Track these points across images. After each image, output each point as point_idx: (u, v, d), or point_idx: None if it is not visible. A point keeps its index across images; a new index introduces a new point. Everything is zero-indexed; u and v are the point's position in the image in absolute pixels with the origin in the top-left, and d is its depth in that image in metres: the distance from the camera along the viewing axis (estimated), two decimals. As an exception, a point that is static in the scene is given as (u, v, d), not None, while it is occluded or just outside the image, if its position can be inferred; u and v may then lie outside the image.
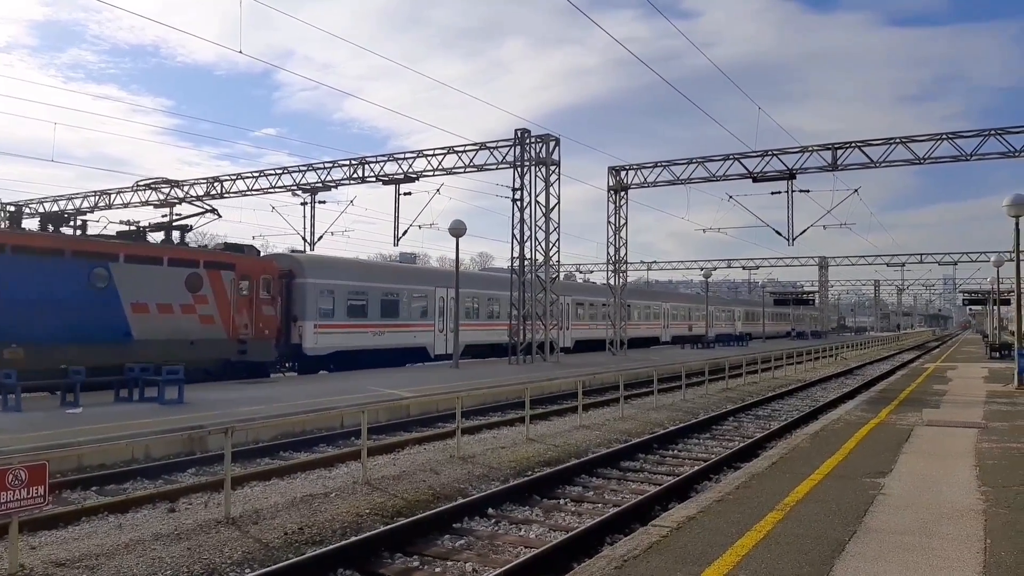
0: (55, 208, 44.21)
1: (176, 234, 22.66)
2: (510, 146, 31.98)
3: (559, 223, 32.39)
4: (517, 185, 31.63)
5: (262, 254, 27.02)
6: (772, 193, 34.19)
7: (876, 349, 61.70)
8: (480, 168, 33.08)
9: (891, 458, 9.84)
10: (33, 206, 45.02)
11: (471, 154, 33.20)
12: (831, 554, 5.72)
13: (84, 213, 43.16)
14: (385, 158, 35.42)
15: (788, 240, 35.22)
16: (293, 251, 31.72)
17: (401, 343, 29.78)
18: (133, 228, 21.83)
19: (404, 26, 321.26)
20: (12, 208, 44.86)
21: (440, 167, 33.94)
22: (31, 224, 32.45)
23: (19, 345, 17.06)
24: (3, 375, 14.93)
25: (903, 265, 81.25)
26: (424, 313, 31.07)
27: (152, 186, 39.86)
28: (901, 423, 13.30)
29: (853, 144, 31.50)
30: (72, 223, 20.62)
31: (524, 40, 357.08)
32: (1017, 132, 28.99)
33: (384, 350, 28.94)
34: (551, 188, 32.04)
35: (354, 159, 36.20)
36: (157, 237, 22.26)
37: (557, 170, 32.24)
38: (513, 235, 31.75)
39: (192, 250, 22.96)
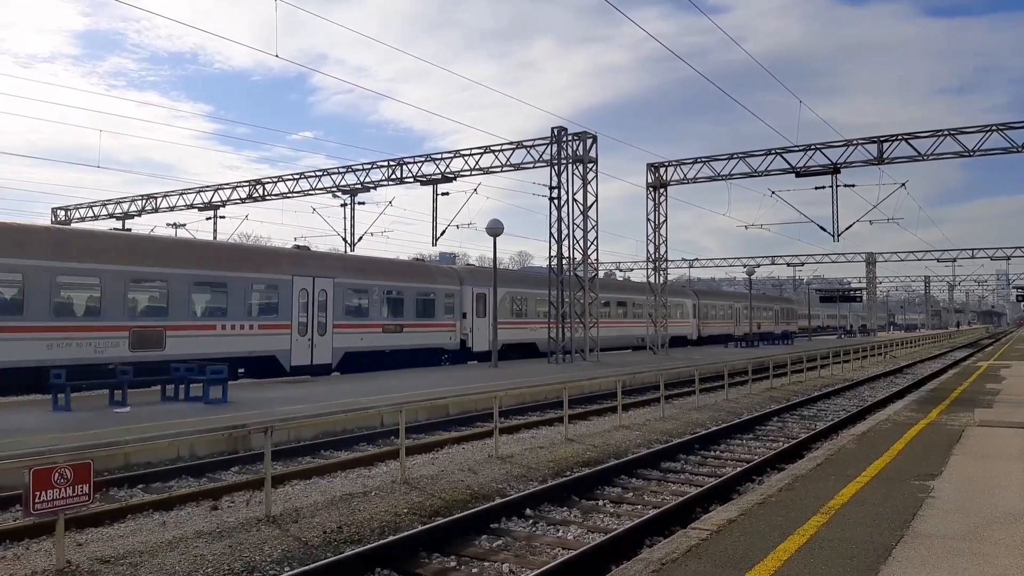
0: (104, 212, 45.40)
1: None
2: (547, 144, 31.87)
3: (597, 221, 32.21)
4: (554, 183, 31.52)
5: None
6: (816, 188, 33.59)
7: (927, 347, 60.17)
8: (517, 167, 33.06)
9: (941, 460, 9.54)
10: (83, 211, 46.28)
11: (508, 153, 33.20)
12: (877, 559, 5.55)
13: (132, 216, 44.32)
14: (423, 159, 35.62)
15: (833, 236, 34.56)
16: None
17: (231, 350, 21.70)
18: None
19: (431, 29, 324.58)
20: (63, 212, 46.24)
21: (477, 167, 34.01)
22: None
23: None
24: (53, 375, 15.33)
25: (954, 260, 79.07)
26: (273, 311, 23.23)
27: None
28: (952, 424, 12.91)
29: (899, 137, 30.72)
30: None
31: (552, 39, 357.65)
32: (1074, 122, 27.95)
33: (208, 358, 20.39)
34: (588, 186, 31.86)
35: (392, 160, 36.48)
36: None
37: (594, 168, 32.04)
38: (551, 233, 31.66)
39: None
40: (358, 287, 26.23)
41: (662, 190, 37.67)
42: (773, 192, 36.24)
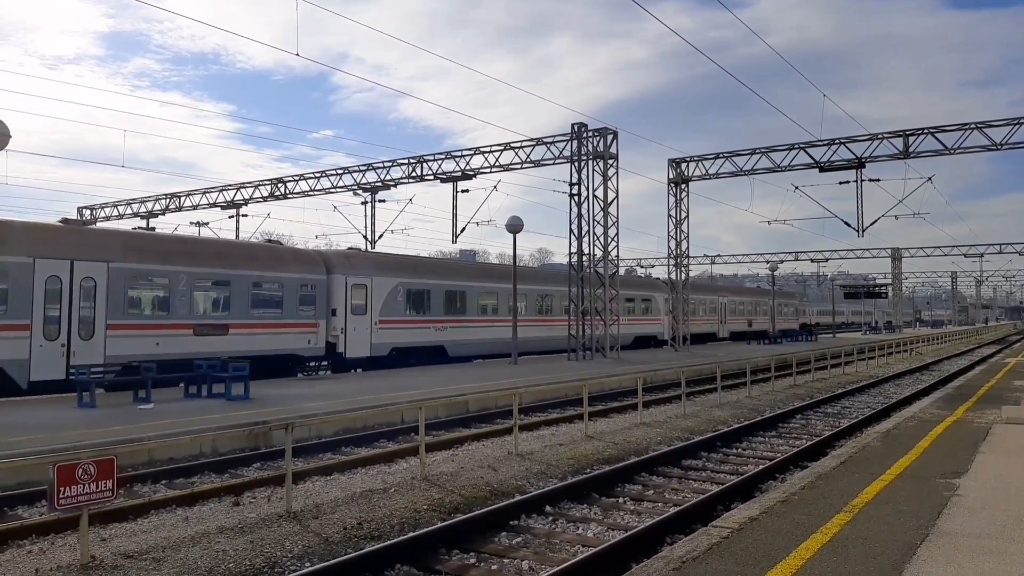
0: (129, 211, 45.94)
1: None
2: (567, 140, 31.80)
3: (618, 217, 32.08)
4: (574, 180, 31.44)
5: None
6: (840, 183, 33.20)
7: (953, 344, 59.36)
8: (537, 164, 32.97)
9: (967, 458, 9.39)
10: (108, 210, 46.86)
11: (528, 150, 33.13)
12: (902, 558, 5.46)
13: (156, 215, 44.82)
14: (443, 156, 35.64)
15: (858, 231, 34.13)
16: None
17: None
18: None
19: (450, 27, 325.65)
20: (88, 212, 46.87)
21: (497, 163, 33.98)
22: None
23: None
24: (78, 372, 15.53)
25: (981, 256, 77.89)
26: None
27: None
28: (979, 421, 12.70)
29: (925, 130, 30.27)
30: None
31: (571, 35, 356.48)
32: (1105, 113, 27.35)
33: None
34: (609, 182, 31.73)
35: (412, 158, 36.54)
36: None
37: (615, 164, 31.90)
38: (571, 230, 31.60)
39: None
40: (152, 274, 19.97)
41: (683, 186, 37.45)
42: (796, 187, 35.99)
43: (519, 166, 33.43)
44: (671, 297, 43.79)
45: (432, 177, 35.86)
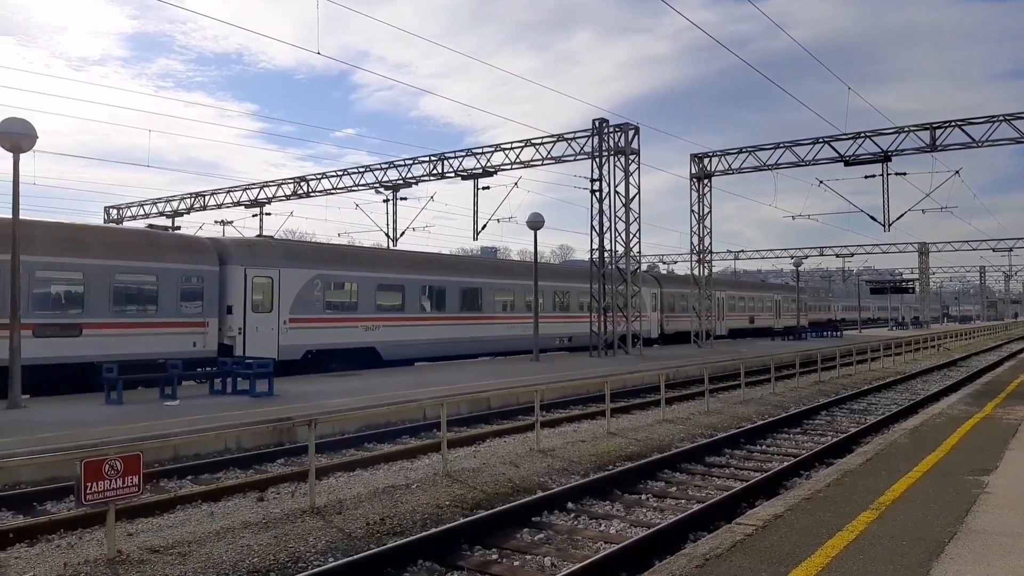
0: (154, 210, 46.48)
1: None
2: (588, 136, 31.68)
3: (639, 213, 31.93)
4: (596, 176, 31.32)
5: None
6: (866, 177, 32.82)
7: (982, 339, 58.44)
8: (558, 160, 32.86)
9: (997, 454, 9.23)
10: (134, 209, 47.44)
11: (548, 146, 33.03)
12: (929, 556, 5.38)
13: (181, 214, 45.31)
14: (463, 153, 35.65)
15: (884, 226, 33.71)
16: None
17: None
18: None
19: (470, 23, 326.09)
20: (115, 211, 47.49)
21: (518, 160, 33.91)
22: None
23: None
24: (105, 369, 15.73)
25: (1010, 250, 76.41)
26: None
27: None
28: (1008, 417, 12.49)
29: (953, 123, 29.79)
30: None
31: (592, 31, 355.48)
32: None
33: None
34: (631, 178, 31.57)
35: (433, 155, 36.55)
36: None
37: (636, 159, 31.74)
38: (592, 226, 31.47)
39: None
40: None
41: (706, 181, 37.21)
42: (821, 182, 35.53)
43: (540, 163, 33.35)
44: (660, 292, 41.94)
45: (453, 175, 35.89)
